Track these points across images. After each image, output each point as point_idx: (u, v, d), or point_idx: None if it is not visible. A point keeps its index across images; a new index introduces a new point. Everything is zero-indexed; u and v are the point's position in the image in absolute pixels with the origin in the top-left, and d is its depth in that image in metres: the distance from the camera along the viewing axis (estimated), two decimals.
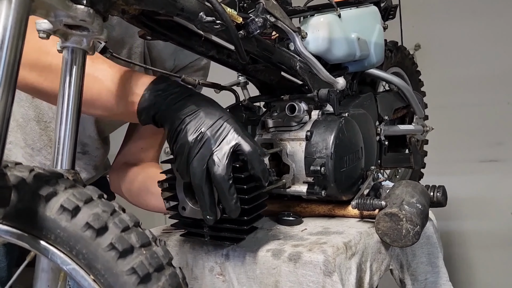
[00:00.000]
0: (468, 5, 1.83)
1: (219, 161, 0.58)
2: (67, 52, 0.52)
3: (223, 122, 0.60)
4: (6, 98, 0.41)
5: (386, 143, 1.05)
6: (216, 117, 0.61)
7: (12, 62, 0.41)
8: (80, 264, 0.42)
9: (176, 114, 0.61)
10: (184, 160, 0.60)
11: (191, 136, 0.59)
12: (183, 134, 0.60)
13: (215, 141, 0.59)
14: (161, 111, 0.63)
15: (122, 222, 0.43)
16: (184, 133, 0.60)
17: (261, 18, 0.65)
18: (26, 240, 0.43)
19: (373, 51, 0.98)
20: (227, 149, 0.59)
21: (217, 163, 0.58)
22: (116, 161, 1.04)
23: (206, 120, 0.60)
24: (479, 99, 1.82)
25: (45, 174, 0.44)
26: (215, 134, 0.59)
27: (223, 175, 0.58)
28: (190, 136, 0.59)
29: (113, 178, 1.02)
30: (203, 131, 0.59)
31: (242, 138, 0.60)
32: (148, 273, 0.41)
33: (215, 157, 0.59)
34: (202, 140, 0.59)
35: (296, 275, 0.67)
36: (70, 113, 0.53)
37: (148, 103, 0.63)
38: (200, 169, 0.59)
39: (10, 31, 0.41)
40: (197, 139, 0.59)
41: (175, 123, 0.61)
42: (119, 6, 0.52)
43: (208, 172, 0.60)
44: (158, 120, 0.64)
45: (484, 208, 1.82)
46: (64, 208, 0.42)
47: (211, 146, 0.59)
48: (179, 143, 0.61)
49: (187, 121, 0.60)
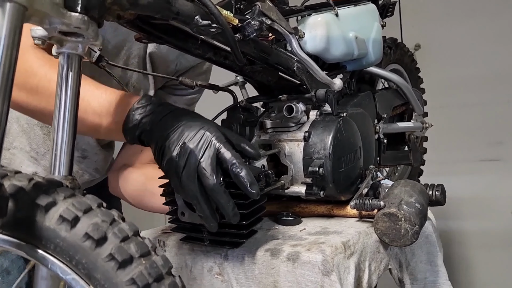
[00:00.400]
0: (468, 5, 1.82)
1: (207, 171, 0.59)
2: (63, 58, 0.52)
3: (204, 131, 0.61)
4: (2, 107, 0.41)
5: (385, 141, 1.05)
6: (197, 128, 0.61)
7: (7, 70, 0.41)
8: (80, 274, 0.42)
9: (159, 133, 0.62)
10: (173, 176, 0.61)
11: (175, 152, 0.60)
12: (167, 151, 0.61)
13: (198, 152, 0.59)
14: (145, 132, 0.64)
15: (121, 231, 0.43)
16: (168, 149, 0.61)
17: (257, 21, 0.65)
18: (25, 249, 0.43)
19: (371, 50, 0.97)
20: (211, 158, 0.59)
21: (205, 174, 0.59)
22: (116, 163, 1.05)
23: (187, 133, 0.61)
24: (479, 99, 1.81)
25: (44, 183, 0.44)
26: (197, 145, 0.60)
27: (213, 184, 0.59)
28: (174, 152, 0.60)
29: (112, 180, 1.03)
30: (185, 144, 0.60)
31: (223, 145, 0.60)
32: (147, 283, 0.41)
33: (201, 168, 0.59)
34: (186, 153, 0.59)
35: (295, 275, 0.67)
36: (67, 119, 0.52)
37: (132, 123, 0.64)
38: (190, 182, 0.59)
39: (5, 39, 0.40)
40: (181, 153, 0.60)
41: (158, 141, 0.62)
42: (114, 12, 0.51)
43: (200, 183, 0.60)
44: (144, 140, 0.65)
45: (484, 208, 1.82)
46: (63, 218, 0.42)
47: (196, 158, 0.59)
48: (165, 161, 0.61)
49: (170, 137, 0.61)
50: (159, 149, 0.62)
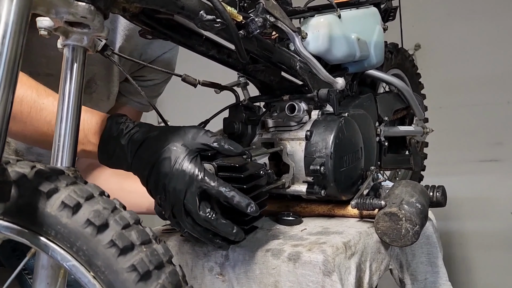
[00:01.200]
0: (468, 5, 1.83)
1: (192, 210, 0.59)
2: (68, 50, 0.53)
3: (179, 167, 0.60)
4: (7, 94, 0.41)
5: (386, 144, 1.05)
6: (173, 158, 0.60)
7: (13, 58, 0.41)
8: (80, 260, 0.42)
9: (140, 170, 0.63)
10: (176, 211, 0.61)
11: (158, 197, 0.61)
12: (155, 191, 0.62)
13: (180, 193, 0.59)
14: (124, 166, 0.64)
15: (122, 219, 0.43)
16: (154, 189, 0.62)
17: (261, 18, 0.65)
18: (26, 236, 0.43)
19: (373, 52, 0.98)
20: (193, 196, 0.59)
21: (192, 212, 0.59)
22: (79, 163, 1.03)
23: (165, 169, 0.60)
24: (479, 99, 1.81)
25: (46, 170, 0.44)
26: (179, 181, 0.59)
27: (203, 218, 0.59)
28: (160, 190, 0.61)
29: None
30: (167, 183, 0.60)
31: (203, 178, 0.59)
32: (148, 270, 0.41)
33: (188, 207, 0.59)
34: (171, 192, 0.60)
35: (296, 275, 0.67)
36: (71, 111, 0.53)
37: (108, 156, 0.65)
38: (183, 220, 0.61)
39: (12, 27, 0.41)
40: (166, 191, 0.60)
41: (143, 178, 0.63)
42: (120, 4, 0.52)
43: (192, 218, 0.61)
44: (127, 170, 0.66)
45: (484, 208, 1.82)
46: (65, 205, 0.42)
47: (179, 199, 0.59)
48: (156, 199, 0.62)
49: (149, 181, 0.62)
50: (146, 185, 0.63)
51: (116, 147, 0.64)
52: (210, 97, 0.99)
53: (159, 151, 0.61)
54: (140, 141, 0.63)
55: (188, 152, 0.60)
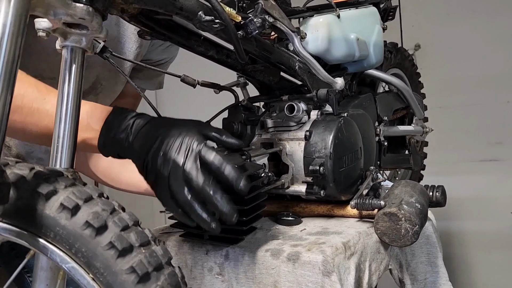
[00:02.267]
0: (468, 5, 1.83)
1: (192, 174, 0.57)
2: (67, 51, 0.52)
3: (183, 137, 0.60)
4: (6, 95, 0.41)
5: (386, 144, 1.05)
6: (176, 134, 0.60)
7: (11, 60, 0.41)
8: (79, 262, 0.41)
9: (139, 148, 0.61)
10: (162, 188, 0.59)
11: (158, 162, 0.59)
12: (150, 164, 0.60)
13: (180, 158, 0.58)
14: (124, 149, 0.63)
15: (121, 221, 0.43)
16: (152, 163, 0.60)
17: (260, 18, 0.65)
18: (25, 238, 0.43)
19: (372, 52, 0.98)
20: (193, 160, 0.58)
21: (191, 177, 0.57)
22: None
23: (167, 141, 0.60)
24: (479, 99, 1.82)
25: (45, 172, 0.44)
26: (178, 152, 0.59)
27: (201, 183, 0.57)
28: (159, 163, 0.59)
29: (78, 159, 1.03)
30: (166, 153, 0.59)
31: (203, 147, 0.59)
32: (147, 272, 0.41)
33: (187, 173, 0.58)
34: (169, 162, 0.58)
35: (295, 275, 0.67)
36: (69, 112, 0.52)
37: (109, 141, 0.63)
38: (180, 189, 0.58)
39: (10, 28, 0.41)
40: (164, 162, 0.59)
41: (140, 156, 0.61)
42: (118, 5, 0.52)
43: (189, 187, 0.58)
44: (124, 156, 0.64)
45: (484, 208, 1.82)
46: (64, 207, 0.42)
47: (178, 164, 0.58)
48: (151, 173, 0.60)
49: (150, 150, 0.60)
50: (142, 164, 0.61)
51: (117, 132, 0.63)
52: (209, 98, 0.98)
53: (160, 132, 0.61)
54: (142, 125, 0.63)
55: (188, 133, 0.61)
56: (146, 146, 0.61)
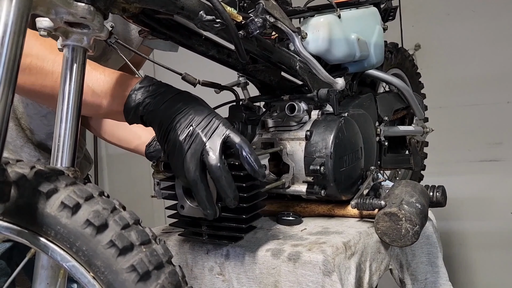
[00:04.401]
0: (468, 5, 1.83)
1: (212, 152, 0.60)
2: (68, 50, 0.52)
3: (212, 117, 0.62)
4: (7, 94, 0.41)
5: (386, 144, 1.05)
6: (205, 113, 0.62)
7: (13, 59, 0.41)
8: (80, 261, 0.42)
9: (164, 114, 0.62)
10: (177, 157, 0.61)
11: (182, 133, 0.61)
12: (174, 132, 0.61)
13: (205, 135, 0.60)
14: (149, 112, 0.63)
15: (122, 219, 0.43)
16: (175, 131, 0.61)
17: (261, 18, 0.65)
18: (26, 236, 0.43)
19: (373, 52, 0.98)
20: (218, 140, 0.60)
21: (210, 153, 0.60)
22: None
23: (196, 117, 0.61)
24: (479, 99, 1.82)
25: (46, 171, 0.44)
26: (205, 129, 0.61)
27: (218, 164, 0.59)
28: (181, 133, 0.61)
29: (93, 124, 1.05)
30: (193, 127, 0.61)
31: (231, 130, 0.62)
32: (147, 270, 0.41)
33: (207, 149, 0.60)
34: (193, 135, 0.60)
35: (296, 275, 0.67)
36: (71, 111, 0.53)
37: (135, 103, 0.64)
38: (194, 163, 0.60)
39: (11, 28, 0.41)
40: (188, 135, 0.60)
41: (164, 123, 0.62)
42: (119, 4, 0.52)
43: (203, 167, 0.60)
44: (146, 120, 0.65)
45: (484, 208, 1.82)
46: (64, 205, 0.42)
47: (202, 140, 0.60)
48: (171, 142, 0.62)
49: (177, 119, 0.62)
50: (164, 130, 0.62)
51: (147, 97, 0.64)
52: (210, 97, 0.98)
53: (191, 106, 0.63)
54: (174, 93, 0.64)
55: (216, 115, 0.63)
56: (172, 114, 0.62)
